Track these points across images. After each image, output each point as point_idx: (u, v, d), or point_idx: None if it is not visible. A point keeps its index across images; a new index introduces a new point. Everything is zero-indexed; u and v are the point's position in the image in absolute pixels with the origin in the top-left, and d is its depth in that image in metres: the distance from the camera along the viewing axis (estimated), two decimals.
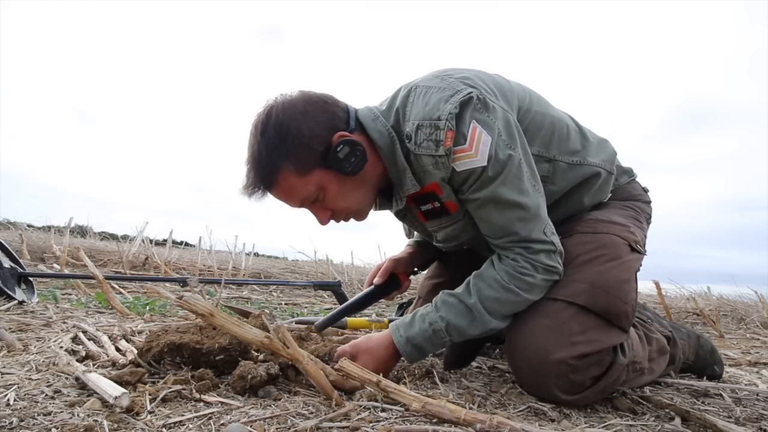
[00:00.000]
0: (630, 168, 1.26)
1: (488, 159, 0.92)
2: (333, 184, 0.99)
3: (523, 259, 0.96)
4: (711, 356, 1.33)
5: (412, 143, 0.96)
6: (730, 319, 3.34)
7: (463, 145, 0.92)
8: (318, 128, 0.96)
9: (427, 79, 1.00)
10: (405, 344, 0.98)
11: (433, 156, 0.94)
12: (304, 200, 1.00)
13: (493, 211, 0.97)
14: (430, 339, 0.98)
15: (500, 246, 1.00)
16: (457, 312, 0.97)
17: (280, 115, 0.96)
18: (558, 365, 0.89)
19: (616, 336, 0.96)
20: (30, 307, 1.70)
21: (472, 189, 0.96)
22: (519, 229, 0.96)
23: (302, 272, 4.88)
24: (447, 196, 1.01)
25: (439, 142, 0.92)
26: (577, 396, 0.91)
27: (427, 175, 0.99)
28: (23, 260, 2.65)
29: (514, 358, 0.97)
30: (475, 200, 0.97)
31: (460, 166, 0.93)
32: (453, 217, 1.06)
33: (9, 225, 5.25)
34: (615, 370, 0.94)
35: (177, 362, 0.92)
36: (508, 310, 0.97)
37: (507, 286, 0.95)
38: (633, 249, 1.06)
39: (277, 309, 2.38)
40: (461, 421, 0.72)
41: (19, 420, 0.66)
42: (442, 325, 0.97)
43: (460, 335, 0.97)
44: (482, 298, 0.96)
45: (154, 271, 3.88)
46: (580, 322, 0.93)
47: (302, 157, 0.95)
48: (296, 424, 0.70)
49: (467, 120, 0.92)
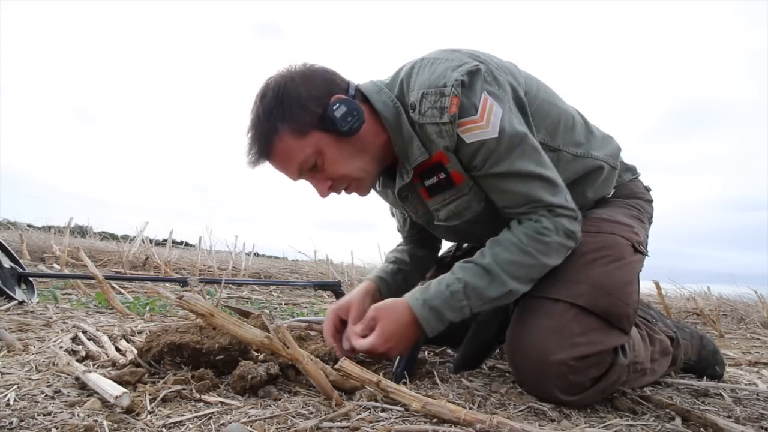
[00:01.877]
0: (633, 166, 1.25)
1: (499, 131, 0.91)
2: (331, 147, 0.97)
3: (546, 220, 0.95)
4: (713, 357, 1.33)
5: (417, 112, 0.94)
6: (730, 319, 3.34)
7: (474, 116, 0.91)
8: (316, 91, 0.96)
9: (435, 53, 0.99)
10: (422, 307, 0.94)
11: (437, 124, 0.92)
12: (302, 166, 0.98)
13: (516, 182, 0.95)
14: (448, 301, 0.93)
15: (522, 212, 0.98)
16: (474, 273, 0.94)
17: (279, 80, 0.97)
18: (558, 366, 0.89)
19: (616, 337, 0.95)
20: (30, 307, 1.70)
21: (488, 163, 0.95)
22: (543, 195, 0.95)
23: (302, 272, 4.88)
24: (453, 166, 0.98)
25: (444, 109, 0.90)
26: (577, 396, 0.91)
27: (433, 145, 0.97)
28: (23, 260, 2.65)
29: (514, 358, 0.97)
30: (496, 175, 0.96)
31: (470, 137, 0.92)
32: (458, 189, 1.02)
33: (9, 225, 5.25)
34: (615, 370, 0.94)
35: (177, 362, 0.92)
36: (525, 273, 0.95)
37: (524, 248, 0.94)
38: (636, 250, 1.06)
39: (277, 309, 2.38)
40: (461, 421, 0.72)
41: (19, 420, 0.66)
42: (460, 286, 0.93)
43: (480, 298, 0.94)
44: (498, 261, 0.94)
45: (154, 271, 3.88)
46: (580, 323, 0.92)
47: (299, 118, 0.95)
48: (296, 424, 0.70)
49: (478, 90, 0.91)
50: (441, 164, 0.99)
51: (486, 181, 0.99)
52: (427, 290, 0.96)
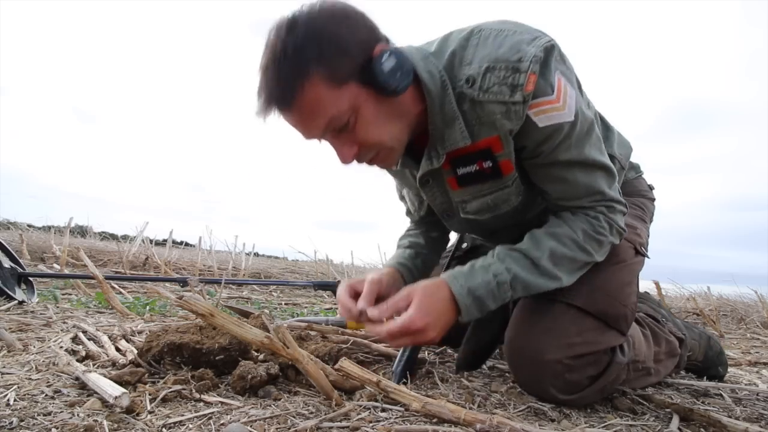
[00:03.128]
0: (638, 164, 1.25)
1: (575, 114, 0.84)
2: (369, 105, 0.82)
3: (604, 219, 0.91)
4: (718, 357, 1.33)
5: (476, 88, 0.83)
6: (730, 319, 3.34)
7: (550, 96, 0.82)
8: (359, 34, 0.80)
9: (494, 24, 0.86)
10: (466, 296, 0.86)
11: (506, 103, 0.82)
12: (330, 122, 0.81)
13: (580, 172, 0.89)
14: (493, 292, 0.87)
15: (580, 206, 0.93)
16: (524, 266, 0.89)
17: (313, 13, 0.78)
18: (554, 365, 0.89)
19: (613, 338, 0.95)
20: (30, 307, 1.70)
21: (557, 150, 0.87)
22: (603, 187, 0.91)
23: (302, 272, 4.88)
24: (505, 155, 0.89)
25: (517, 86, 0.80)
26: (574, 396, 0.91)
27: (485, 128, 0.86)
28: (23, 260, 2.65)
29: (512, 358, 0.97)
30: (561, 163, 0.88)
31: (543, 120, 0.83)
32: (503, 181, 0.93)
33: (9, 225, 5.25)
34: (613, 369, 0.94)
35: (177, 362, 0.92)
36: (576, 268, 0.92)
37: (582, 246, 0.90)
38: (637, 252, 1.06)
39: (277, 309, 2.38)
40: (461, 421, 0.72)
41: (19, 420, 0.66)
42: (508, 277, 0.87)
43: (525, 290, 0.89)
44: (553, 255, 0.89)
45: (154, 271, 3.87)
46: (577, 323, 0.92)
47: (338, 63, 0.77)
48: (296, 424, 0.70)
49: (553, 69, 0.82)
50: (489, 151, 0.89)
51: (545, 170, 0.91)
52: (472, 276, 0.88)
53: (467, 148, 0.89)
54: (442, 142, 0.90)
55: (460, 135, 0.88)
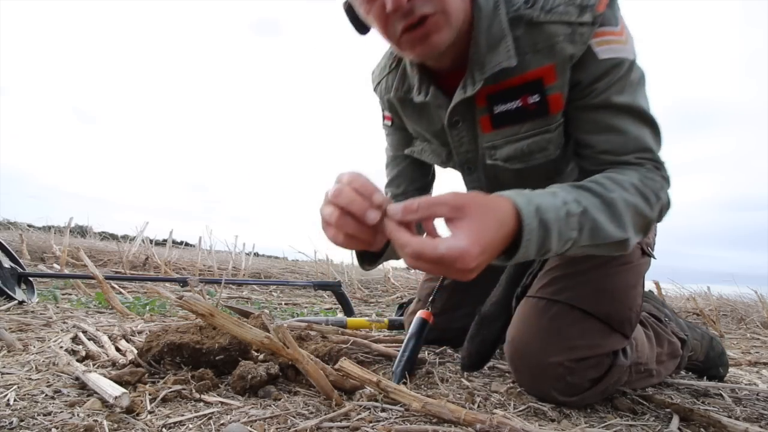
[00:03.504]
0: None
1: (635, 55, 0.79)
2: None
3: (658, 175, 0.80)
4: (720, 358, 1.33)
5: (537, 8, 0.78)
6: (730, 319, 3.34)
7: (615, 27, 0.76)
8: None
9: None
10: (533, 215, 0.65)
11: (571, 24, 0.75)
12: None
13: (632, 122, 0.81)
14: (561, 221, 0.68)
15: (626, 161, 0.81)
16: (594, 203, 0.72)
17: None
18: (555, 367, 0.89)
19: (616, 341, 0.94)
20: (30, 307, 1.70)
21: (612, 89, 0.79)
22: (652, 145, 0.81)
23: (302, 272, 4.88)
24: (558, 87, 0.80)
25: (587, 7, 0.74)
26: (575, 397, 0.91)
27: (539, 56, 0.79)
28: (23, 260, 2.65)
29: (513, 359, 0.97)
30: (615, 107, 0.80)
31: (605, 51, 0.77)
32: (546, 121, 0.84)
33: (9, 225, 5.25)
34: (615, 372, 0.94)
35: (177, 362, 0.92)
36: (641, 224, 0.78)
37: (646, 195, 0.77)
38: (644, 252, 1.03)
39: (277, 309, 2.38)
40: (461, 421, 0.72)
41: (19, 420, 0.66)
42: (577, 209, 0.70)
43: (592, 235, 0.71)
44: (624, 198, 0.75)
45: (154, 271, 3.87)
46: (580, 326, 0.91)
47: None
48: (296, 424, 0.70)
49: (616, 5, 0.77)
50: (540, 83, 0.80)
51: (593, 114, 0.82)
52: (540, 196, 0.68)
53: (512, 80, 0.81)
54: (482, 67, 0.81)
55: (505, 54, 0.79)
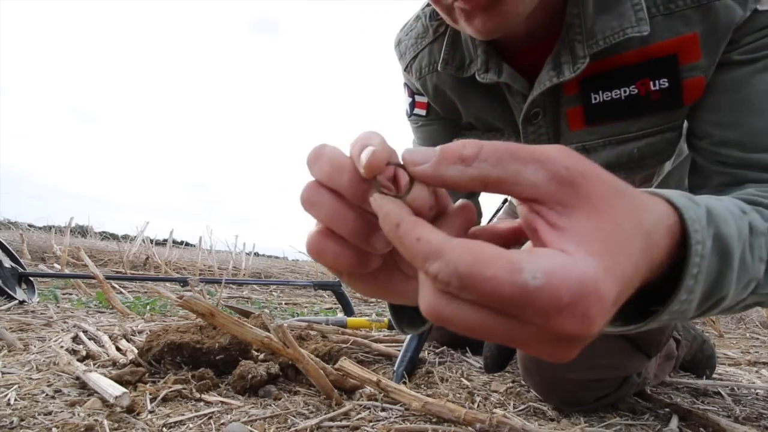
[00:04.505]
0: None
1: None
2: None
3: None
4: (707, 361, 1.33)
5: None
6: (730, 318, 3.34)
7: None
8: None
9: None
10: (704, 224, 0.34)
11: None
12: None
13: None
14: (744, 240, 0.41)
15: (759, 163, 0.57)
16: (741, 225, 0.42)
17: None
18: (570, 383, 0.85)
19: (639, 362, 0.89)
20: (30, 306, 1.70)
21: None
22: None
23: (302, 272, 4.89)
24: (702, 68, 0.58)
25: None
26: (578, 407, 0.90)
27: (675, 22, 0.57)
28: (24, 260, 2.65)
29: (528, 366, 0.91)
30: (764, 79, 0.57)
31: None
32: (673, 115, 0.62)
33: (10, 225, 5.25)
34: (624, 389, 0.91)
35: (177, 362, 0.92)
36: None
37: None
38: None
39: (277, 309, 2.38)
40: (461, 421, 0.72)
41: (19, 419, 0.66)
42: (765, 225, 0.45)
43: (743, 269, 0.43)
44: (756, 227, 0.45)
45: (154, 271, 3.88)
46: (607, 343, 0.83)
47: None
48: (296, 424, 0.70)
49: None
50: (672, 61, 0.58)
51: (748, 87, 0.57)
52: (719, 214, 0.38)
53: (625, 55, 0.59)
54: (589, 35, 0.58)
55: (632, 16, 0.56)
